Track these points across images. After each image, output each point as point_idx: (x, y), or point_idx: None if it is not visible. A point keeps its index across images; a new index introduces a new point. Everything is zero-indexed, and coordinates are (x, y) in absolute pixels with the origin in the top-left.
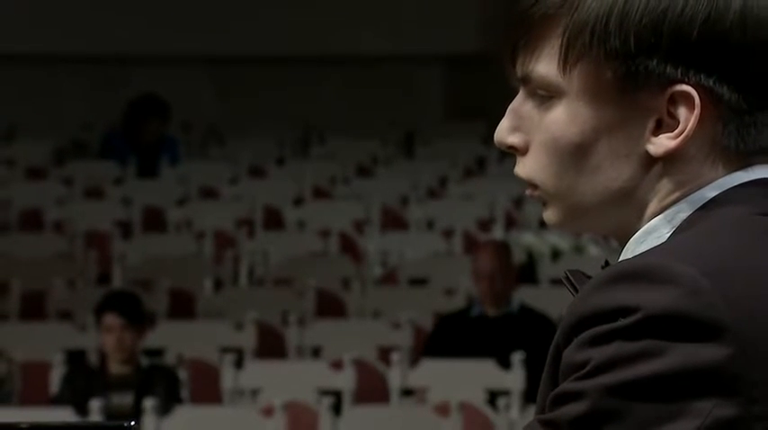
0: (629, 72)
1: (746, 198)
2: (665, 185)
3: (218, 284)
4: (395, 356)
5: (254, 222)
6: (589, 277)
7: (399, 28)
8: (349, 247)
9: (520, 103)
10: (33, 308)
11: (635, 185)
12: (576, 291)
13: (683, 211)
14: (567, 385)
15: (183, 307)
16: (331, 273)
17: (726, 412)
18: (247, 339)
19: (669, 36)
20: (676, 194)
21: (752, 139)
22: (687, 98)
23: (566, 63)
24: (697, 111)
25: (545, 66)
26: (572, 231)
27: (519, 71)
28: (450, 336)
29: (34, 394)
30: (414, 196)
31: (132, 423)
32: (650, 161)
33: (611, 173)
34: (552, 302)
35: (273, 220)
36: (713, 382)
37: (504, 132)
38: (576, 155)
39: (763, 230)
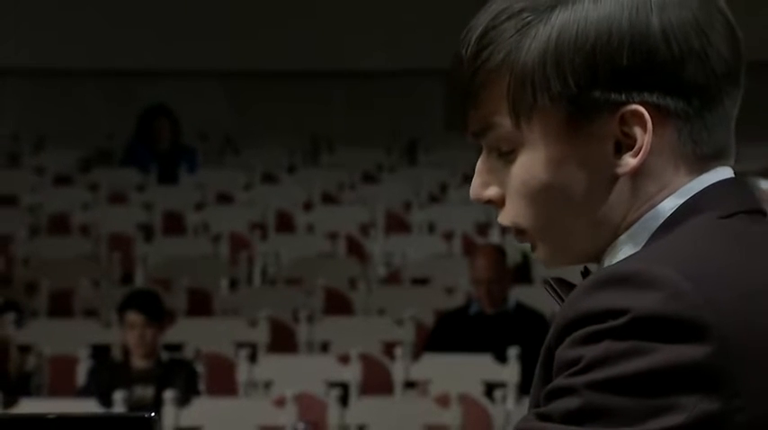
0: (577, 109)
1: (714, 201)
2: (636, 200)
3: (233, 283)
4: (398, 351)
5: (267, 226)
6: (570, 283)
7: (402, 45)
8: (355, 249)
9: (485, 161)
10: (61, 306)
11: (608, 207)
12: (559, 296)
13: (655, 219)
14: (560, 381)
15: (200, 305)
16: (338, 273)
17: (709, 406)
18: (261, 335)
19: (603, 67)
20: (647, 205)
21: (706, 141)
22: (637, 116)
23: (517, 117)
24: (649, 125)
25: (501, 124)
26: (564, 265)
27: (475, 131)
28: (450, 332)
29: (62, 387)
30: (416, 201)
31: (152, 414)
32: (618, 182)
33: (584, 201)
34: (546, 300)
35: (285, 224)
36: (697, 378)
37: (479, 189)
38: (548, 193)
39: (732, 233)
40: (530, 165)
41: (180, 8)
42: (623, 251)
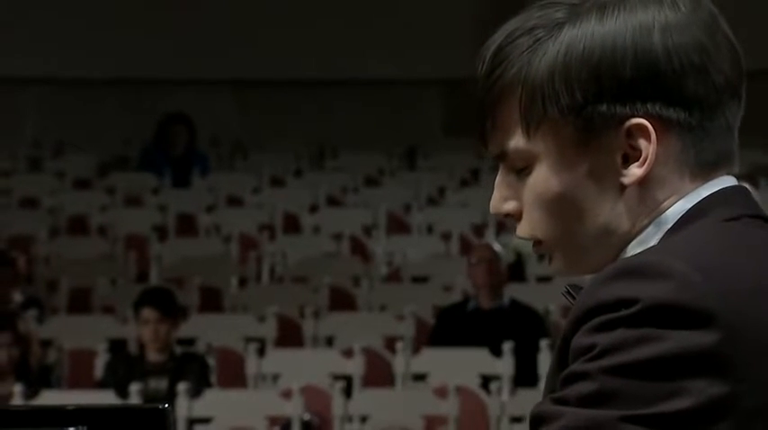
0: (585, 121)
1: (720, 205)
2: (644, 208)
3: (242, 282)
4: (399, 345)
5: (275, 227)
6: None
7: (403, 54)
8: (358, 249)
9: (503, 177)
10: (80, 302)
11: (618, 216)
12: (575, 299)
13: (664, 223)
14: (575, 367)
15: (212, 301)
16: (342, 272)
17: (718, 390)
18: (269, 330)
19: (609, 81)
20: (655, 212)
21: (709, 150)
22: (642, 129)
23: (529, 131)
24: (653, 137)
25: (515, 140)
26: (579, 274)
27: (494, 151)
28: (449, 327)
29: (80, 379)
30: (416, 204)
31: (166, 405)
32: (626, 191)
33: (596, 211)
34: (539, 297)
35: (292, 225)
36: (705, 364)
37: (498, 203)
38: (562, 204)
39: (738, 233)
40: (543, 178)
41: (194, 21)
42: (637, 251)
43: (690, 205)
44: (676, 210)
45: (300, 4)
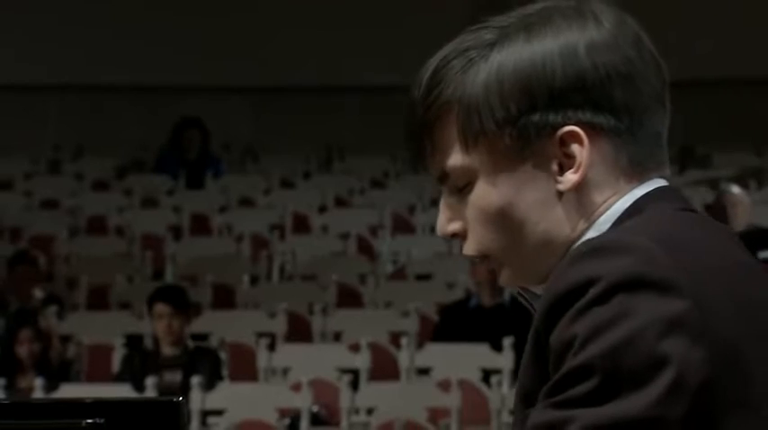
0: (520, 132)
1: (657, 201)
2: (583, 212)
3: (254, 280)
4: (404, 340)
5: (285, 227)
6: (534, 292)
7: (408, 63)
8: (365, 248)
9: (446, 198)
10: (98, 299)
11: (559, 222)
12: (529, 302)
13: (603, 224)
14: (567, 366)
15: (224, 298)
16: (350, 270)
17: (699, 354)
18: (279, 326)
19: (540, 92)
20: (596, 214)
21: (641, 154)
22: (574, 135)
23: (467, 146)
24: (585, 142)
25: (454, 157)
26: (528, 285)
27: (435, 172)
28: (452, 323)
29: (98, 373)
30: (419, 205)
31: (180, 398)
32: (563, 198)
33: (536, 219)
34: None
35: (301, 225)
36: (682, 328)
37: (444, 225)
38: (503, 216)
39: (687, 217)
40: (483, 192)
41: (208, 30)
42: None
43: (627, 205)
44: (614, 210)
45: (310, 14)
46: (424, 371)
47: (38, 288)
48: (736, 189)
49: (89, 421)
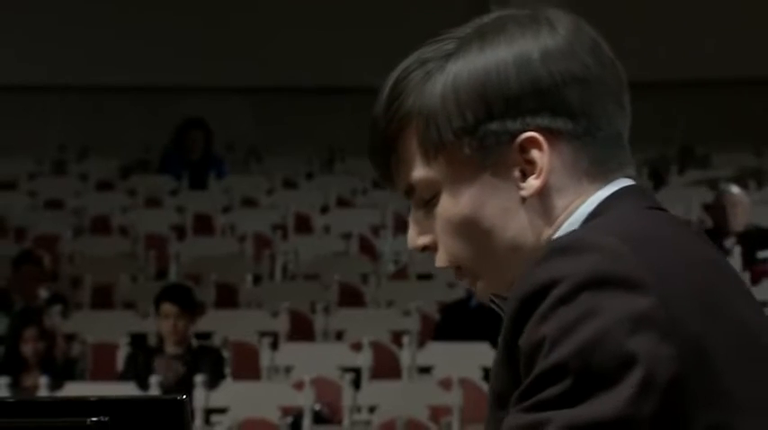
0: (479, 141)
1: (624, 200)
2: (548, 216)
3: (256, 279)
4: (405, 339)
5: (287, 227)
6: (505, 297)
7: None
8: (367, 248)
9: (415, 212)
10: (103, 298)
11: (524, 229)
12: (500, 308)
13: (571, 227)
14: (538, 369)
15: (227, 297)
16: (352, 270)
17: (667, 351)
18: (281, 325)
19: (495, 100)
20: (562, 218)
21: (602, 156)
22: (533, 141)
23: (428, 158)
24: (545, 147)
25: (417, 170)
26: (503, 292)
27: (401, 186)
28: (453, 322)
29: (103, 371)
30: None
31: (184, 396)
32: (527, 204)
33: (502, 227)
34: None
35: (303, 225)
36: (649, 326)
37: (414, 239)
38: (470, 226)
39: (653, 215)
40: (448, 203)
41: (208, 30)
42: None
43: (593, 207)
44: (580, 212)
45: (311, 14)
46: (425, 370)
47: (42, 287)
48: (735, 189)
49: (93, 419)
